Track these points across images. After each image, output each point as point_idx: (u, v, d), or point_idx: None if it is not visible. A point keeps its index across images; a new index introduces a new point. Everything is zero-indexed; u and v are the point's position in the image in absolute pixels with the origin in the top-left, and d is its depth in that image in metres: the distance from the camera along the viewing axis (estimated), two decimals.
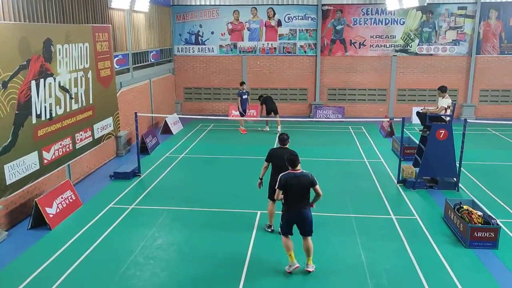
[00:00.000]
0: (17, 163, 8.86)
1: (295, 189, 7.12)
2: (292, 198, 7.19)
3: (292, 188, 7.11)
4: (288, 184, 7.09)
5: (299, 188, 7.14)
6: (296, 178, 7.12)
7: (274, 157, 8.42)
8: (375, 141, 16.42)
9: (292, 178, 7.11)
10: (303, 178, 7.16)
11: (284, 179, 7.10)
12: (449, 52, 20.25)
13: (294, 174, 7.18)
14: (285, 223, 7.36)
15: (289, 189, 7.13)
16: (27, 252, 8.13)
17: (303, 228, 7.32)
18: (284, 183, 7.09)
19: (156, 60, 18.89)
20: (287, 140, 8.55)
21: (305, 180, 7.16)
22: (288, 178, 7.11)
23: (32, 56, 9.29)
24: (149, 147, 14.71)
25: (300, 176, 7.17)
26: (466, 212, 8.54)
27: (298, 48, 20.87)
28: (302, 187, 7.15)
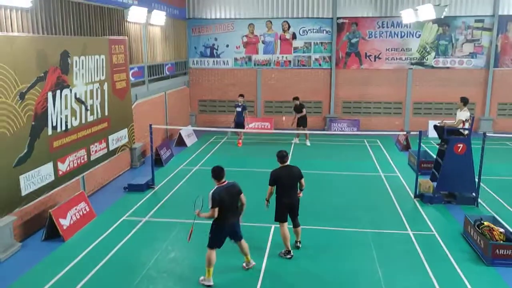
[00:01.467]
0: (32, 174, 8.89)
1: (229, 201, 7.21)
2: (227, 210, 7.22)
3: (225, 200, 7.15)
4: (222, 197, 7.12)
5: (234, 200, 7.31)
6: (227, 190, 7.21)
7: (279, 178, 8.14)
8: (391, 154, 16.21)
9: (225, 189, 7.19)
10: (233, 188, 7.30)
11: (218, 192, 7.12)
12: (466, 65, 20.00)
13: (225, 186, 7.25)
14: (218, 236, 7.34)
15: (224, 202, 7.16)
16: (40, 263, 8.10)
17: (236, 235, 7.57)
18: (218, 198, 7.10)
19: (171, 73, 19.00)
20: (287, 157, 8.33)
21: (235, 189, 7.34)
22: (222, 190, 7.17)
23: (49, 68, 9.38)
24: (163, 159, 14.71)
25: (231, 187, 7.28)
26: (487, 229, 8.31)
27: (313, 61, 20.83)
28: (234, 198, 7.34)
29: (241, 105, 17.08)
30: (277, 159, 8.32)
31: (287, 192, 8.18)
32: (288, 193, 8.19)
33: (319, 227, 9.69)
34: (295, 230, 8.53)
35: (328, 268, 7.92)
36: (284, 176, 8.13)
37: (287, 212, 8.29)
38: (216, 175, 7.20)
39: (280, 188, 8.17)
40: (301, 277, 7.63)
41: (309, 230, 9.47)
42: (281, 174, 8.15)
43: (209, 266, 7.25)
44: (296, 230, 8.54)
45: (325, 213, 10.52)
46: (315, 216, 10.23)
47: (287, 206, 8.24)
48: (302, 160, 15.22)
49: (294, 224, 8.49)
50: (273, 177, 8.15)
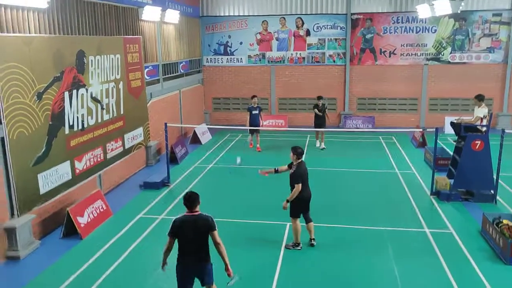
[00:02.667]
0: (50, 173, 9.00)
1: (190, 237, 5.83)
2: (185, 248, 5.92)
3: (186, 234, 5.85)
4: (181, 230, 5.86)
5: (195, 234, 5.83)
6: (195, 222, 5.84)
7: (305, 175, 8.26)
8: (406, 151, 16.05)
9: (191, 219, 5.87)
10: (202, 221, 5.85)
11: (180, 220, 5.92)
12: (484, 60, 19.69)
13: (194, 216, 5.89)
14: (177, 278, 6.06)
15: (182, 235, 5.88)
16: (59, 261, 8.22)
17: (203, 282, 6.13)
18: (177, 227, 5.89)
19: (185, 71, 19.07)
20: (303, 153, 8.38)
21: (204, 223, 5.85)
22: (187, 220, 5.89)
23: (66, 68, 9.47)
24: (178, 157, 14.79)
25: (200, 219, 5.87)
26: (506, 227, 8.17)
27: (327, 58, 20.71)
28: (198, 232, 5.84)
29: (256, 107, 16.10)
30: (296, 155, 8.26)
31: (306, 186, 8.32)
32: (307, 187, 8.34)
33: (334, 224, 9.66)
34: (308, 226, 8.54)
35: (343, 266, 7.89)
36: (305, 172, 8.29)
37: (303, 208, 8.38)
38: (185, 203, 5.96)
39: (302, 185, 8.20)
40: (316, 274, 7.61)
41: (324, 227, 9.46)
42: (302, 171, 8.25)
43: None
44: (308, 226, 8.54)
45: (340, 210, 10.48)
46: (330, 214, 10.20)
47: (306, 201, 8.35)
48: (317, 157, 15.19)
49: (307, 219, 8.52)
50: (301, 175, 8.18)
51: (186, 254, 5.88)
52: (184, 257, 5.90)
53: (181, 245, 5.89)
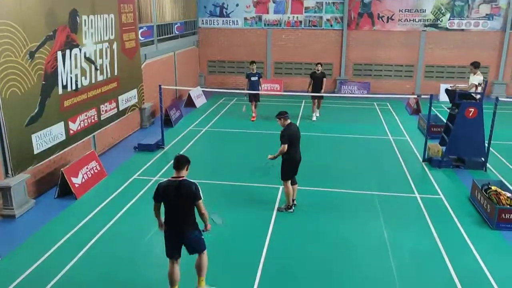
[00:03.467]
0: (44, 133, 9.00)
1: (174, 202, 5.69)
2: (170, 212, 5.81)
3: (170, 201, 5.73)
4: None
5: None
6: (178, 187, 5.67)
7: (293, 136, 8.28)
8: (400, 118, 16.11)
9: (175, 184, 5.70)
10: (185, 189, 5.65)
11: (164, 185, 5.74)
12: (482, 27, 19.50)
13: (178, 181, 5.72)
14: (166, 243, 5.95)
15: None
16: (54, 220, 8.33)
17: (188, 249, 5.97)
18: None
19: (180, 33, 18.77)
20: (288, 114, 8.39)
21: (189, 191, 5.65)
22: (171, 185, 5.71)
23: (58, 26, 9.31)
24: (172, 119, 14.77)
25: (184, 186, 5.67)
26: (494, 193, 8.34)
27: (324, 22, 20.42)
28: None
29: (255, 74, 15.10)
30: (281, 119, 8.34)
31: (297, 149, 8.38)
32: (297, 150, 8.40)
33: (327, 188, 9.79)
34: (293, 188, 8.65)
35: (334, 229, 8.05)
36: (294, 133, 8.30)
37: (295, 170, 8.48)
38: (174, 164, 5.78)
39: (291, 147, 8.26)
40: (307, 235, 7.77)
41: (317, 191, 9.60)
42: (292, 131, 8.27)
43: (170, 285, 5.95)
44: (293, 187, 8.66)
45: (333, 175, 10.60)
46: (323, 178, 10.32)
47: (296, 163, 8.42)
48: (311, 123, 15.23)
49: (292, 181, 8.62)
50: (287, 136, 8.19)
51: (170, 221, 5.79)
52: (168, 223, 5.81)
53: (166, 211, 5.81)
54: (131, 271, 6.74)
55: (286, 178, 8.47)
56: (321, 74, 15.45)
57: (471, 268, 6.88)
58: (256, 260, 7.01)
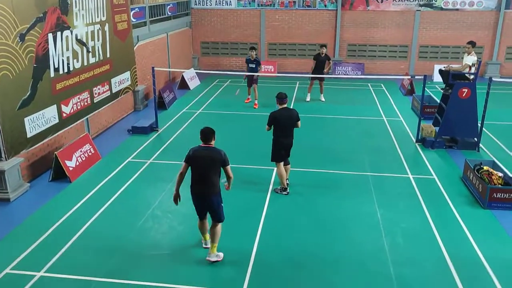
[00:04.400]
0: (36, 116, 8.94)
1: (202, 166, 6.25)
2: (197, 174, 6.34)
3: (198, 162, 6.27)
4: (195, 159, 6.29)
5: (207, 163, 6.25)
6: (207, 152, 6.28)
7: (279, 119, 8.29)
8: (394, 99, 16.13)
9: (204, 150, 6.32)
10: (215, 154, 6.24)
11: (195, 150, 6.34)
12: (477, 7, 19.41)
13: (207, 148, 6.33)
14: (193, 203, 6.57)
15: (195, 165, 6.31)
16: (48, 203, 8.34)
17: (211, 213, 6.56)
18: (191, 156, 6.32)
19: (173, 13, 18.56)
20: (286, 99, 8.43)
21: (217, 157, 6.25)
22: (200, 150, 6.32)
23: (49, 8, 9.17)
24: (166, 102, 14.71)
25: (213, 152, 6.27)
26: (486, 173, 8.42)
27: (318, 2, 20.24)
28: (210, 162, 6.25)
29: (254, 60, 14.54)
30: (276, 100, 8.45)
31: (285, 133, 8.40)
32: (285, 134, 8.42)
33: (321, 169, 9.84)
34: (285, 168, 8.74)
35: (328, 209, 8.13)
36: (283, 117, 8.32)
37: (283, 153, 8.52)
38: (201, 137, 6.38)
39: (278, 129, 8.37)
40: (301, 217, 7.85)
41: (311, 172, 9.66)
42: (280, 115, 8.31)
43: (201, 233, 6.87)
44: (286, 168, 8.75)
45: (327, 156, 10.65)
46: (316, 159, 10.37)
47: (284, 146, 8.48)
48: (306, 104, 15.21)
49: (285, 162, 8.71)
50: (271, 118, 8.36)
51: (196, 183, 6.32)
52: (194, 186, 6.34)
53: (193, 174, 6.32)
54: (126, 253, 6.79)
55: (275, 159, 8.57)
56: (326, 57, 15.31)
57: (462, 247, 6.98)
58: (251, 241, 7.09)
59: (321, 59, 15.25)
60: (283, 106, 8.41)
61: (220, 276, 6.33)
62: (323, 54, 15.22)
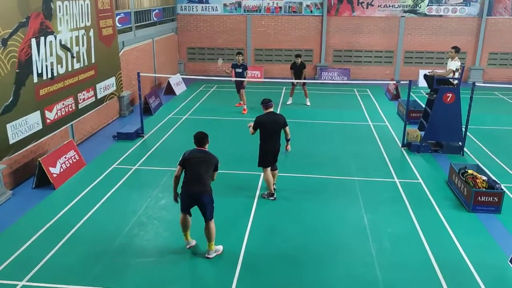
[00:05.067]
0: (19, 123, 8.80)
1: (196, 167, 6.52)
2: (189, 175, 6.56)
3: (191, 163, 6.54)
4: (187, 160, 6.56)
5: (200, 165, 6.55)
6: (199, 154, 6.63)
7: (264, 124, 8.27)
8: (380, 104, 16.25)
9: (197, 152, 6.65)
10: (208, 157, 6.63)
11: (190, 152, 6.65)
12: (459, 13, 19.70)
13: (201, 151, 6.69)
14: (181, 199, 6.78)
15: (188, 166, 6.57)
16: (32, 211, 8.20)
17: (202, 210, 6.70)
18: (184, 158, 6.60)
19: (159, 19, 18.50)
20: (271, 103, 8.43)
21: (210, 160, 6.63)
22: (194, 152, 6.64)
23: (32, 13, 9.06)
24: (152, 107, 14.61)
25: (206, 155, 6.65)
26: (471, 177, 8.50)
27: (304, 8, 20.36)
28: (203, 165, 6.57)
29: (240, 65, 14.70)
30: (262, 106, 8.44)
31: (271, 138, 8.34)
32: (272, 140, 8.35)
33: (308, 174, 9.84)
34: (272, 173, 8.71)
35: (315, 214, 8.12)
36: (269, 122, 8.28)
37: (270, 158, 8.48)
38: (195, 141, 6.69)
39: (264, 135, 8.33)
40: (288, 222, 7.83)
41: (298, 177, 9.65)
42: (266, 120, 8.29)
43: (183, 231, 6.91)
44: (273, 173, 8.72)
45: (314, 161, 10.66)
46: (303, 164, 10.37)
47: (270, 152, 8.43)
48: (292, 110, 15.24)
49: (272, 167, 8.68)
50: (256, 123, 8.33)
51: (189, 184, 6.49)
52: (187, 185, 6.51)
53: (186, 174, 6.54)
54: (112, 260, 6.69)
55: (261, 165, 8.52)
56: (301, 65, 15.52)
57: (448, 250, 7.02)
58: (239, 245, 7.04)
59: (297, 68, 15.50)
60: (269, 111, 8.40)
61: (207, 281, 6.27)
62: (298, 62, 15.43)
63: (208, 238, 6.72)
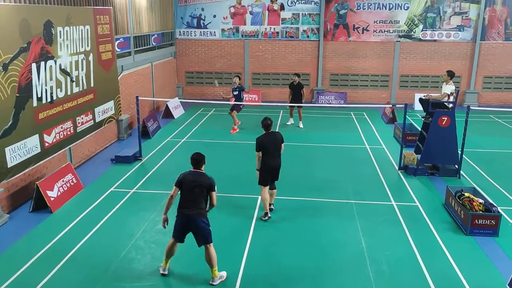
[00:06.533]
0: (18, 146, 8.85)
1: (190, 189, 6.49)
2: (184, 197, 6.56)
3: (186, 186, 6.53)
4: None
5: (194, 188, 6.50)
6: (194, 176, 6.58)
7: (265, 144, 8.44)
8: (377, 127, 16.37)
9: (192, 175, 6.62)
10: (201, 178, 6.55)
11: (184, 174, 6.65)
12: (453, 38, 20.04)
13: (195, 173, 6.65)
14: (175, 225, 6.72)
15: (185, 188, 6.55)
16: (28, 234, 8.16)
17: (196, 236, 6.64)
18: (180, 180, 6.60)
19: (157, 44, 18.75)
20: (271, 125, 8.60)
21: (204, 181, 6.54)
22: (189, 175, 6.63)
23: (33, 38, 9.21)
24: (150, 131, 14.69)
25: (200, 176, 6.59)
26: (468, 200, 8.53)
27: (301, 33, 20.68)
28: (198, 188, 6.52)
29: (236, 88, 15.14)
30: (262, 127, 8.62)
31: (272, 156, 8.53)
32: (272, 157, 8.54)
33: (306, 197, 9.86)
34: (271, 192, 8.84)
35: (312, 237, 8.10)
36: (269, 142, 8.50)
37: (270, 176, 8.62)
38: (191, 162, 6.66)
39: (265, 153, 8.48)
40: (286, 245, 7.81)
41: (295, 200, 9.66)
42: (266, 140, 8.49)
43: (166, 256, 6.86)
44: (271, 192, 8.87)
45: (311, 184, 10.69)
46: (301, 187, 10.39)
47: (271, 169, 8.58)
48: (290, 133, 15.31)
49: (271, 186, 8.81)
50: (258, 143, 8.48)
51: (184, 206, 6.48)
52: (182, 209, 6.49)
53: (182, 197, 6.53)
54: (108, 285, 6.64)
55: (261, 183, 8.63)
56: (299, 85, 15.80)
57: (446, 274, 7.00)
58: (236, 270, 7.01)
59: (295, 87, 15.81)
60: (269, 132, 8.61)
61: None
62: (296, 82, 15.73)
63: (210, 264, 6.62)
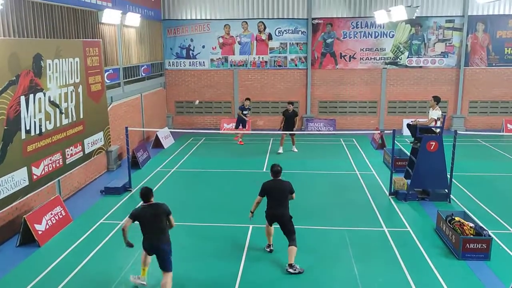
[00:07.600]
0: (5, 180, 8.75)
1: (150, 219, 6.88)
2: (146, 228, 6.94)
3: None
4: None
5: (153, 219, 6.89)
6: (151, 208, 6.94)
7: (269, 190, 8.18)
8: (366, 153, 16.47)
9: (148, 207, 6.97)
10: (158, 208, 6.94)
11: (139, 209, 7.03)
12: (438, 64, 20.47)
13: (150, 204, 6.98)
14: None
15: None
16: (15, 270, 7.99)
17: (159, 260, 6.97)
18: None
19: (147, 74, 18.89)
20: (280, 172, 8.27)
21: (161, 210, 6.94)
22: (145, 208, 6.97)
23: (22, 71, 9.24)
24: (140, 161, 14.63)
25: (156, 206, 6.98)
26: (458, 224, 8.55)
27: (289, 62, 21.00)
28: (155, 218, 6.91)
29: (247, 108, 17.62)
30: (271, 173, 8.33)
31: (274, 204, 8.17)
32: (275, 206, 8.16)
33: (296, 226, 9.77)
34: (289, 249, 7.96)
35: (304, 265, 8.00)
36: (274, 189, 8.17)
37: (273, 221, 8.35)
38: (141, 196, 6.97)
39: (269, 200, 8.22)
40: (278, 274, 7.72)
41: None
42: (272, 186, 8.20)
43: (142, 265, 7.37)
44: (289, 249, 7.95)
45: (302, 211, 10.60)
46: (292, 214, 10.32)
47: (273, 217, 8.25)
48: (279, 160, 15.32)
49: (289, 241, 8.09)
50: (262, 189, 8.23)
51: (147, 236, 6.88)
52: (147, 240, 6.91)
53: (142, 228, 6.87)
54: None
55: (266, 221, 8.42)
56: (293, 113, 16.11)
57: None
58: None
59: (289, 115, 16.10)
60: (276, 179, 8.30)
61: None
62: (290, 110, 16.07)
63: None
